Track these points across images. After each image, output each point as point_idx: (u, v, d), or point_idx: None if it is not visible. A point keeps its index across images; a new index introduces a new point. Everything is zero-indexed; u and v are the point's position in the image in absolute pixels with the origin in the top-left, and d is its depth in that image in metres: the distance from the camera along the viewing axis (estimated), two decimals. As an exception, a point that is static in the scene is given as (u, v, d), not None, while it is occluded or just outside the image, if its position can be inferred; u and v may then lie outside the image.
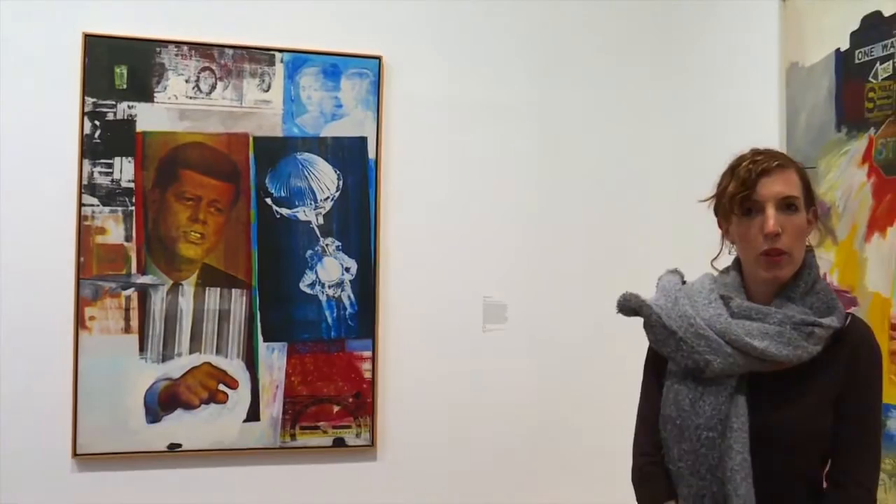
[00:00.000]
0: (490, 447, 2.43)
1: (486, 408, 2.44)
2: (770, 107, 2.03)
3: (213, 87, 2.26)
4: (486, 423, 2.43)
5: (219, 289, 2.26)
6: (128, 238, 2.19)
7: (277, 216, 2.30)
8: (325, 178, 2.34)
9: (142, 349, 2.20)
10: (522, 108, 2.50)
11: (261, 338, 2.28)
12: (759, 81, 2.08)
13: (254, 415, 2.27)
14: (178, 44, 2.23)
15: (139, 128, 2.20)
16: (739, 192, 1.18)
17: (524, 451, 2.45)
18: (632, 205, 2.57)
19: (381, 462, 2.37)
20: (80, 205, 2.16)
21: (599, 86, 2.55)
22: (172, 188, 2.23)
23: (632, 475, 1.32)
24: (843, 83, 1.80)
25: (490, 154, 2.47)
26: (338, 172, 2.35)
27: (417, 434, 2.39)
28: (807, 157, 1.88)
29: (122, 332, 2.18)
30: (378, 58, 2.36)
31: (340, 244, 2.35)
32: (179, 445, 2.21)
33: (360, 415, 2.35)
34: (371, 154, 2.36)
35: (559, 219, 2.52)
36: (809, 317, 1.19)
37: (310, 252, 2.33)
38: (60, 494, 2.13)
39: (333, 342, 2.33)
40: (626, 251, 2.52)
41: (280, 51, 2.30)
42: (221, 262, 2.26)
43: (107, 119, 2.18)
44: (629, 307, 1.28)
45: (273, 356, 2.29)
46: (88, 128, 2.17)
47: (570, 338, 2.49)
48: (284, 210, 2.31)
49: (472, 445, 2.42)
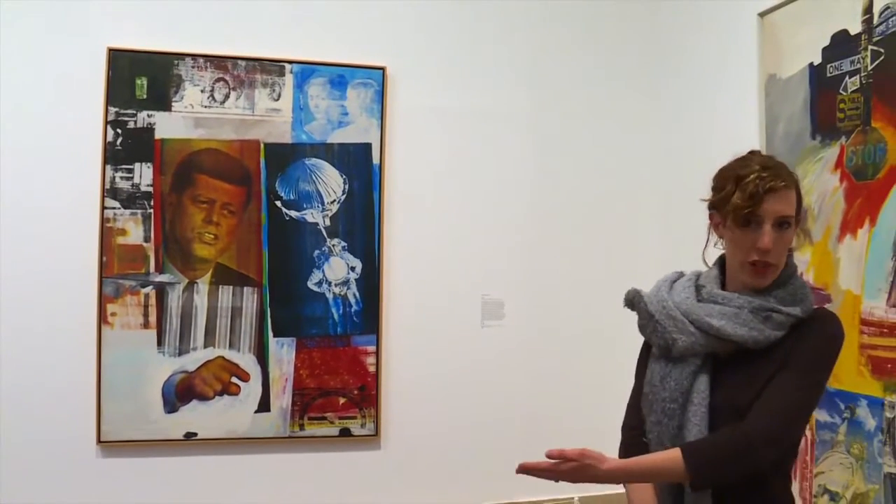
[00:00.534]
0: (487, 437, 2.50)
1: (484, 400, 2.51)
2: (750, 116, 2.10)
3: (227, 97, 2.34)
4: (484, 415, 2.51)
5: (231, 287, 2.33)
6: (146, 239, 2.28)
7: (287, 218, 2.38)
8: (332, 183, 2.41)
9: (160, 343, 2.28)
10: (518, 116, 2.58)
11: (271, 333, 2.35)
12: (740, 92, 2.16)
13: (265, 406, 2.35)
14: (195, 56, 2.31)
15: (158, 135, 2.29)
16: (745, 207, 1.20)
17: (520, 442, 2.50)
18: (621, 206, 2.65)
19: (385, 451, 2.44)
20: (103, 208, 2.25)
21: (589, 96, 2.64)
22: (188, 192, 2.31)
23: (619, 447, 1.41)
24: (817, 95, 1.87)
25: (487, 159, 2.54)
26: (344, 177, 2.42)
27: (419, 424, 2.47)
28: (785, 163, 1.98)
29: (142, 328, 2.27)
30: (382, 69, 2.44)
31: (346, 245, 2.42)
32: (195, 434, 2.30)
33: (365, 406, 2.42)
34: (375, 159, 2.44)
35: (553, 220, 2.60)
36: (769, 303, 1.23)
37: (317, 252, 2.40)
38: (86, 478, 2.22)
39: (339, 337, 2.41)
40: (616, 250, 2.60)
41: (289, 62, 2.38)
42: (234, 262, 2.34)
43: (128, 127, 2.27)
44: (629, 300, 1.37)
45: (283, 351, 2.36)
46: (111, 135, 2.26)
47: (564, 333, 2.56)
48: (293, 212, 2.39)
49: (471, 436, 2.50)
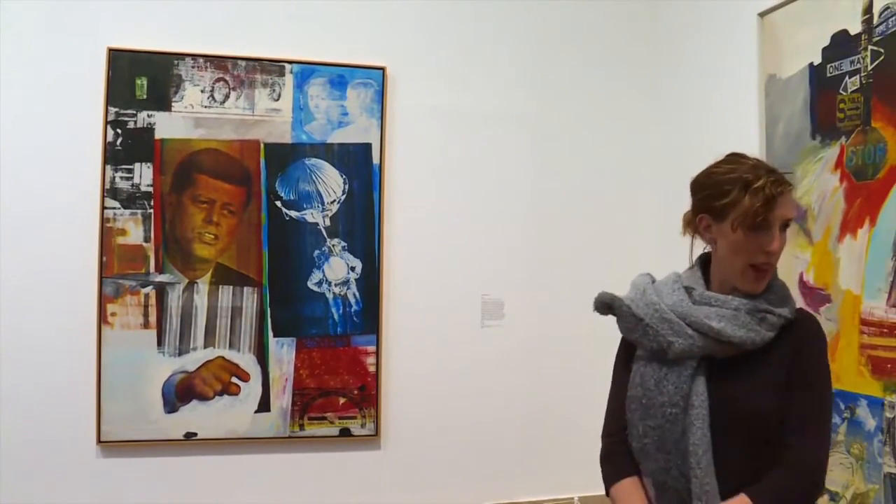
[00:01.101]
0: (487, 437, 2.51)
1: (484, 400, 2.51)
2: (750, 116, 2.10)
3: (227, 97, 2.34)
4: (484, 415, 2.51)
5: (231, 287, 2.34)
6: (146, 239, 2.28)
7: (287, 218, 2.38)
8: (332, 183, 2.42)
9: (160, 343, 2.28)
10: (517, 117, 2.58)
11: (271, 333, 2.36)
12: (740, 92, 2.16)
13: (265, 406, 2.35)
14: (195, 56, 2.31)
15: (158, 135, 2.29)
16: (761, 212, 1.21)
17: (519, 441, 2.53)
18: (621, 207, 2.65)
19: (385, 451, 2.44)
20: (103, 208, 2.25)
21: (590, 96, 2.64)
22: (188, 192, 2.31)
23: (599, 454, 1.41)
24: (817, 95, 1.87)
25: (487, 159, 2.55)
26: (344, 177, 2.42)
27: (419, 424, 2.47)
28: (785, 163, 1.96)
29: (142, 328, 2.27)
30: (382, 69, 2.44)
31: (346, 245, 2.42)
32: (195, 434, 2.30)
33: (365, 406, 2.43)
34: (375, 159, 2.44)
35: (552, 220, 2.60)
36: (763, 304, 1.26)
37: (317, 252, 2.40)
38: (86, 478, 2.22)
39: (339, 337, 2.41)
40: (615, 250, 2.60)
41: (289, 62, 2.38)
42: (234, 262, 2.34)
43: (128, 127, 2.27)
44: (603, 303, 1.37)
45: (283, 351, 2.37)
46: (111, 135, 2.26)
47: (564, 333, 2.56)
48: (293, 212, 2.39)
49: (471, 435, 2.50)
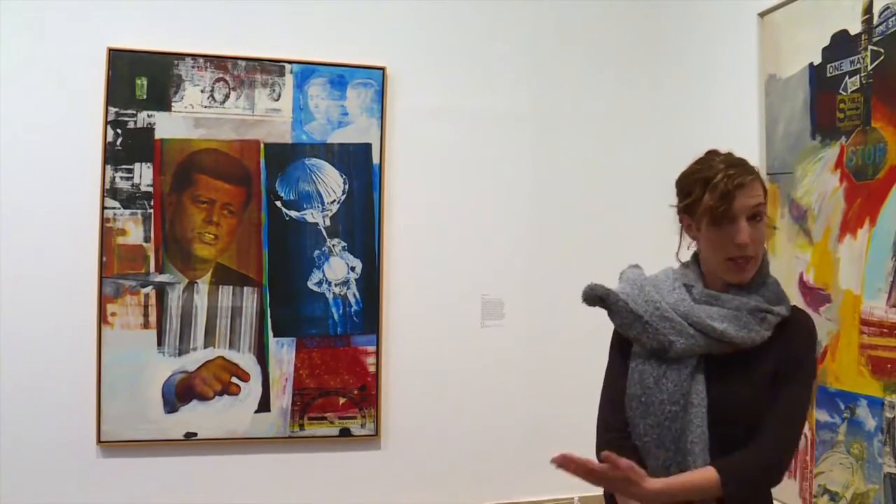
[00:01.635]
0: (487, 437, 2.51)
1: (484, 399, 2.52)
2: (750, 115, 2.10)
3: (227, 97, 2.35)
4: (484, 414, 2.52)
5: (231, 287, 2.34)
6: (147, 239, 2.28)
7: (287, 218, 2.38)
8: (332, 183, 2.42)
9: (160, 343, 2.28)
10: (517, 117, 2.58)
11: (271, 333, 2.36)
12: (740, 92, 2.16)
13: (265, 406, 2.35)
14: (195, 56, 2.32)
15: (158, 135, 2.29)
16: (719, 207, 1.21)
17: (519, 441, 2.53)
18: (621, 207, 2.65)
19: (385, 451, 2.45)
20: (103, 208, 2.25)
21: (589, 96, 2.64)
22: (188, 192, 2.32)
23: (597, 449, 1.36)
24: (817, 95, 1.87)
25: (487, 159, 2.55)
26: (344, 177, 2.42)
27: (419, 424, 2.47)
28: (784, 163, 1.98)
29: (142, 328, 2.27)
30: (382, 69, 2.44)
31: (346, 245, 2.42)
32: (195, 434, 2.30)
33: (365, 406, 2.43)
34: (375, 159, 2.44)
35: (552, 220, 2.60)
36: (763, 304, 1.26)
37: (317, 252, 2.41)
38: (86, 478, 2.23)
39: (339, 337, 2.41)
40: (615, 250, 2.51)
41: (289, 62, 2.38)
42: (234, 262, 2.35)
43: (128, 127, 2.27)
44: (594, 295, 1.35)
45: (283, 351, 2.37)
46: (111, 135, 2.26)
47: (564, 332, 2.56)
48: (293, 212, 2.39)
49: (470, 435, 2.50)
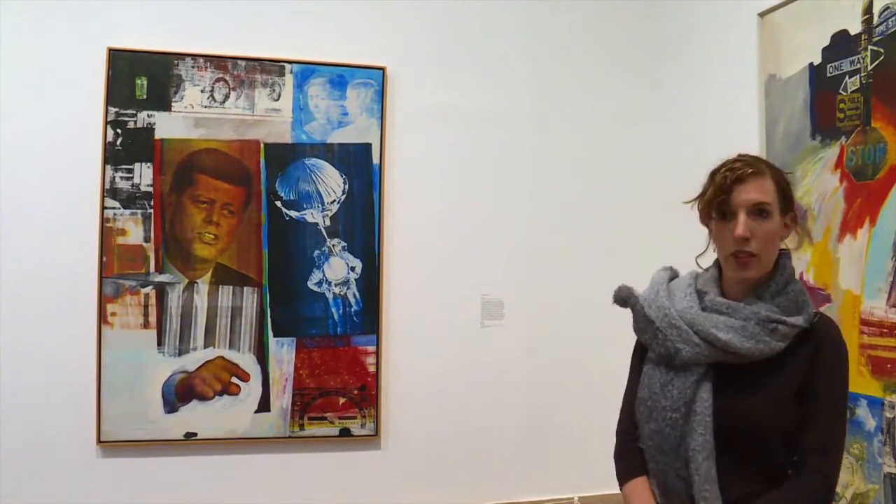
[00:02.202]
0: (487, 437, 2.51)
1: (484, 399, 2.52)
2: (750, 115, 2.11)
3: (227, 97, 2.35)
4: (484, 414, 2.52)
5: (231, 287, 2.34)
6: (146, 239, 2.28)
7: (287, 218, 2.38)
8: (332, 182, 2.42)
9: (160, 343, 2.28)
10: (517, 117, 2.58)
11: (271, 333, 2.36)
12: (740, 92, 2.16)
13: (265, 406, 2.35)
14: (195, 56, 2.32)
15: (158, 135, 2.29)
16: (715, 198, 1.24)
17: (518, 440, 2.54)
18: (621, 207, 2.65)
19: (385, 451, 2.45)
20: (103, 208, 2.25)
21: (590, 96, 2.64)
22: (188, 192, 2.32)
23: (613, 450, 1.41)
24: (817, 95, 1.88)
25: (487, 159, 2.55)
26: (344, 177, 2.42)
27: (419, 424, 2.47)
28: (784, 163, 1.96)
29: (142, 328, 2.27)
30: (382, 69, 2.44)
31: (346, 245, 2.42)
32: (195, 434, 2.30)
33: (365, 406, 2.43)
34: (375, 159, 2.44)
35: (552, 220, 2.60)
36: (775, 314, 1.22)
37: (317, 252, 2.41)
38: (86, 478, 2.23)
39: (339, 337, 2.41)
40: (616, 250, 2.61)
41: (289, 62, 2.38)
42: (234, 262, 2.35)
43: (128, 127, 2.27)
44: (620, 297, 1.36)
45: (283, 351, 2.37)
46: (111, 135, 2.26)
47: (564, 332, 2.57)
48: (293, 212, 2.39)
49: (470, 435, 2.50)
